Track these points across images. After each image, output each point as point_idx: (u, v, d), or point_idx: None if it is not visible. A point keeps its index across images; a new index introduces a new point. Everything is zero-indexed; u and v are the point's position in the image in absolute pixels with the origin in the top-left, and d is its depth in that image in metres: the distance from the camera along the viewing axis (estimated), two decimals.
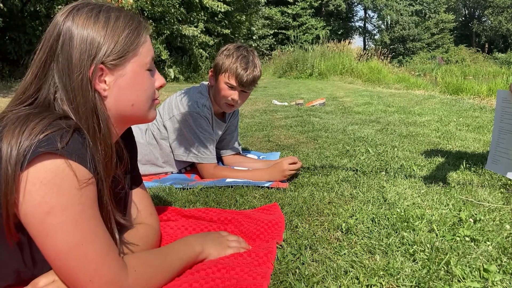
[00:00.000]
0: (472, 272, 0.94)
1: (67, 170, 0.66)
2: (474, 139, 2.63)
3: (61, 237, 0.67)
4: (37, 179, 0.65)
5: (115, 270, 0.72)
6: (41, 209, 0.65)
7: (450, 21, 35.84)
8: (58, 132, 0.67)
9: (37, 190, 0.65)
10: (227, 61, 1.71)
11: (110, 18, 0.78)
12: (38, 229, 0.66)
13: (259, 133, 3.01)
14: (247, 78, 1.70)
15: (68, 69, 0.75)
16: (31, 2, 7.93)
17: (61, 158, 0.66)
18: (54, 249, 0.67)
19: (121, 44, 0.78)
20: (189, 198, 1.48)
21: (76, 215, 0.67)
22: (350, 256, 1.01)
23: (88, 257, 0.69)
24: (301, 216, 1.29)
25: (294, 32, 27.99)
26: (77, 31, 0.76)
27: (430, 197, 1.47)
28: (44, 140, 0.65)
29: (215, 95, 1.79)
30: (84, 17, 0.77)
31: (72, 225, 0.67)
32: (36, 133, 0.65)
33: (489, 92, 6.41)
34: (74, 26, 0.76)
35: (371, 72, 11.84)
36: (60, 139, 0.66)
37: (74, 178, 0.67)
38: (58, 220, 0.66)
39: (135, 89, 0.82)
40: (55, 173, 0.65)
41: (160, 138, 1.83)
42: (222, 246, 1.01)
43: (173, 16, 10.75)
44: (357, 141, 2.58)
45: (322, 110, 4.44)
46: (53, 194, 0.65)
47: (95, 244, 0.70)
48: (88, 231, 0.69)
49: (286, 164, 1.67)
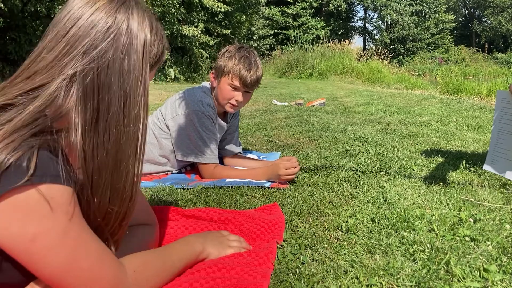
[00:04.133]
0: (472, 272, 0.94)
1: (41, 195, 0.61)
2: (474, 139, 2.63)
3: (51, 259, 0.64)
4: (12, 212, 0.60)
5: (113, 274, 0.71)
6: (24, 238, 0.61)
7: (450, 21, 35.85)
8: (24, 157, 0.60)
9: (15, 221, 0.61)
10: (230, 63, 1.71)
11: (152, 16, 0.74)
12: (26, 257, 0.63)
13: (259, 133, 3.01)
14: (251, 78, 1.72)
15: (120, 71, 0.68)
16: (32, 2, 7.94)
17: (32, 187, 0.60)
18: (48, 273, 0.65)
19: (162, 46, 0.75)
20: (189, 198, 1.49)
21: (61, 235, 0.64)
22: (350, 256, 1.01)
23: (84, 270, 0.67)
24: (301, 216, 1.29)
25: (294, 32, 28.00)
26: (136, 30, 0.69)
27: (430, 197, 1.47)
28: (9, 173, 0.59)
29: (217, 97, 1.79)
30: (136, 13, 0.70)
31: (59, 246, 0.64)
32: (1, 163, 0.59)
33: (489, 92, 6.41)
34: (132, 22, 0.69)
35: (371, 72, 11.84)
36: (27, 165, 0.60)
37: (51, 200, 0.62)
38: (44, 244, 0.63)
39: None
40: (29, 202, 0.61)
41: (161, 138, 1.83)
42: (222, 245, 1.00)
43: (173, 16, 10.77)
44: (357, 141, 2.59)
45: (322, 110, 4.44)
46: (33, 222, 0.61)
47: (88, 256, 0.68)
48: (77, 246, 0.66)
49: (282, 169, 1.63)
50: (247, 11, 15.56)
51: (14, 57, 7.96)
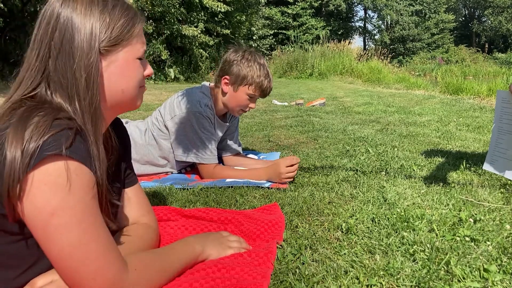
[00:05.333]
0: (472, 272, 0.94)
1: (70, 171, 0.66)
2: (474, 139, 2.63)
3: (65, 237, 0.67)
4: (41, 182, 0.65)
5: (117, 268, 0.72)
6: (45, 211, 0.65)
7: (450, 21, 35.85)
8: (62, 133, 0.67)
9: (41, 192, 0.65)
10: (251, 73, 1.72)
11: (107, 5, 0.79)
12: (42, 231, 0.67)
13: (259, 133, 3.01)
14: (270, 89, 1.79)
15: (71, 59, 0.74)
16: (31, 2, 7.93)
17: (65, 160, 0.66)
18: (58, 250, 0.67)
19: (116, 32, 0.79)
20: (189, 198, 1.49)
21: (79, 215, 0.68)
22: (350, 256, 1.01)
23: (91, 256, 0.69)
24: (301, 216, 1.29)
25: (294, 32, 28.01)
26: (79, 20, 0.75)
27: (430, 197, 1.47)
28: (48, 142, 0.65)
29: (229, 102, 1.80)
30: (83, 4, 0.76)
31: (75, 225, 0.67)
32: (40, 135, 0.65)
33: (489, 92, 6.41)
34: (75, 13, 0.75)
35: (371, 72, 11.84)
36: (65, 140, 0.66)
37: (76, 178, 0.67)
38: (61, 220, 0.66)
39: (125, 75, 0.83)
40: (58, 175, 0.65)
41: (160, 139, 1.83)
42: (222, 246, 1.00)
43: (173, 16, 10.76)
44: (357, 141, 2.59)
45: (322, 110, 4.44)
46: (56, 195, 0.65)
47: (98, 243, 0.70)
48: (90, 231, 0.69)
49: (283, 167, 1.63)
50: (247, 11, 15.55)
51: (14, 57, 7.95)
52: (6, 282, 0.74)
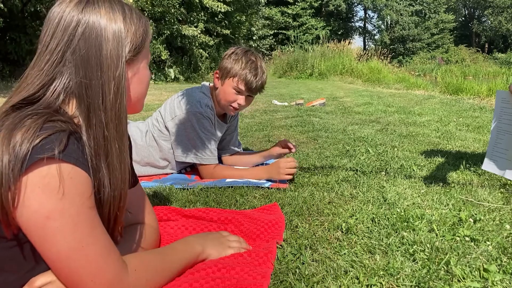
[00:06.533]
0: (472, 272, 0.94)
1: (63, 174, 0.65)
2: (474, 139, 2.63)
3: (61, 240, 0.66)
4: (35, 185, 0.64)
5: (116, 269, 0.72)
6: (40, 214, 0.64)
7: (450, 21, 35.83)
8: (55, 136, 0.65)
9: (35, 195, 0.64)
10: (236, 66, 1.71)
11: (125, 11, 0.76)
12: (38, 234, 0.66)
13: (259, 133, 3.01)
14: (256, 84, 1.73)
15: (98, 69, 0.71)
16: (32, 3, 7.94)
17: (58, 163, 0.65)
18: (55, 253, 0.67)
19: (139, 40, 0.78)
20: (189, 198, 1.49)
21: (75, 218, 0.67)
22: (350, 256, 1.01)
23: (90, 258, 0.69)
24: (301, 216, 1.29)
25: (294, 32, 28.00)
26: (105, 28, 0.72)
27: (430, 197, 1.47)
28: (40, 145, 0.63)
29: (220, 98, 1.79)
30: (104, 9, 0.73)
31: (71, 227, 0.67)
32: (31, 138, 0.63)
33: (489, 92, 6.41)
34: (101, 21, 0.72)
35: (371, 72, 11.84)
36: (58, 143, 0.65)
37: (71, 181, 0.66)
38: (57, 223, 0.65)
39: (142, 83, 0.83)
40: (52, 178, 0.64)
41: (161, 140, 1.83)
42: (222, 246, 1.00)
43: (173, 16, 10.77)
44: (357, 141, 2.59)
45: (322, 110, 4.44)
46: (50, 199, 0.64)
47: (96, 245, 0.70)
48: (88, 233, 0.69)
49: (283, 162, 1.67)
50: (247, 11, 15.57)
51: (14, 57, 7.95)
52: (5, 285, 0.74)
